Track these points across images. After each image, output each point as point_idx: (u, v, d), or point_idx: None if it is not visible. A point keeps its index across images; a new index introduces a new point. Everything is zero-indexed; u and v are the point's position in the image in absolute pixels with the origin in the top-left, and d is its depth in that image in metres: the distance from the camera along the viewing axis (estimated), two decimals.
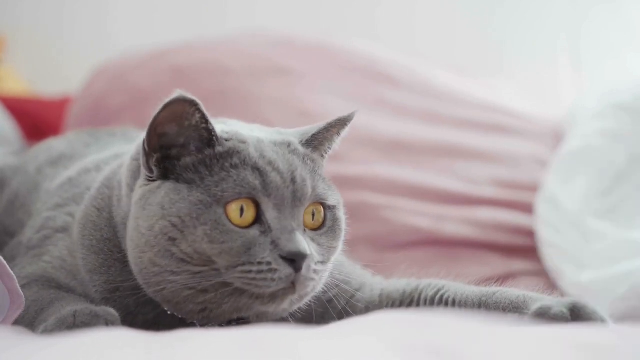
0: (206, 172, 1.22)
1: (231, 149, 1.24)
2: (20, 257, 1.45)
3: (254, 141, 1.27)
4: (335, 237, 1.30)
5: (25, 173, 1.66)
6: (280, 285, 1.20)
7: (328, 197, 1.30)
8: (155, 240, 1.21)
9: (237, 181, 1.21)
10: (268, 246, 1.20)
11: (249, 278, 1.19)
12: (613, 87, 2.50)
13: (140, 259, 1.24)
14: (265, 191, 1.22)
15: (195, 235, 1.19)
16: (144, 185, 1.25)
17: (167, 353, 1.00)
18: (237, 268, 1.19)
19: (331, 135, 1.36)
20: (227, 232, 1.19)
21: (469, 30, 3.32)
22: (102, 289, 1.32)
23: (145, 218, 1.22)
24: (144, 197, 1.24)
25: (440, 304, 1.36)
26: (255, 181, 1.21)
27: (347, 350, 0.99)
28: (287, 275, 1.20)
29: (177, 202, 1.20)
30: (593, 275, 1.93)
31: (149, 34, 3.15)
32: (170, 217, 1.20)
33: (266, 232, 1.21)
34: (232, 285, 1.21)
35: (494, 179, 2.34)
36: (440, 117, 2.50)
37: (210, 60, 2.50)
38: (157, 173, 1.24)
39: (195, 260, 1.20)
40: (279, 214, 1.23)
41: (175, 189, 1.22)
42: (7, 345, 1.08)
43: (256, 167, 1.23)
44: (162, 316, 1.29)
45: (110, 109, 2.43)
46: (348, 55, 2.64)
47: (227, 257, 1.19)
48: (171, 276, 1.21)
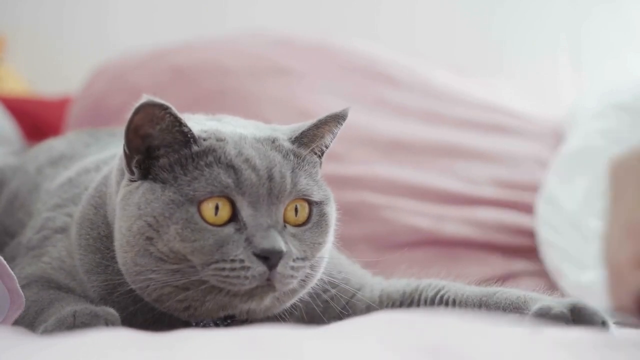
0: (180, 171, 1.22)
1: (207, 148, 1.24)
2: (20, 258, 1.45)
3: (234, 138, 1.26)
4: (320, 232, 1.29)
5: (25, 173, 1.66)
6: (254, 282, 1.20)
7: (312, 192, 1.28)
8: (134, 240, 1.22)
9: (210, 180, 1.21)
10: (242, 243, 1.20)
11: (223, 276, 1.20)
12: (613, 87, 2.50)
13: (123, 258, 1.25)
14: (239, 189, 1.21)
15: (168, 234, 1.20)
16: (126, 185, 1.26)
17: (167, 353, 1.00)
18: (211, 266, 1.20)
19: (322, 133, 1.34)
20: (198, 230, 1.20)
21: (469, 30, 3.32)
22: (100, 289, 1.32)
23: (125, 218, 1.23)
24: (124, 198, 1.25)
25: (440, 304, 1.36)
26: (228, 179, 1.21)
27: (347, 351, 0.99)
28: (260, 272, 1.19)
29: (151, 201, 1.21)
30: (593, 275, 1.93)
31: (149, 34, 3.15)
32: (145, 216, 1.21)
33: (241, 229, 1.21)
34: (208, 283, 1.21)
35: (494, 179, 2.34)
36: (440, 117, 2.50)
37: (210, 60, 2.50)
38: (137, 174, 1.25)
39: (172, 258, 1.20)
40: (255, 211, 1.22)
41: (151, 189, 1.22)
42: (7, 345, 1.08)
43: (231, 165, 1.22)
44: (161, 316, 1.29)
45: (110, 109, 2.43)
46: (348, 55, 2.64)
47: (199, 255, 1.20)
48: (152, 274, 1.22)
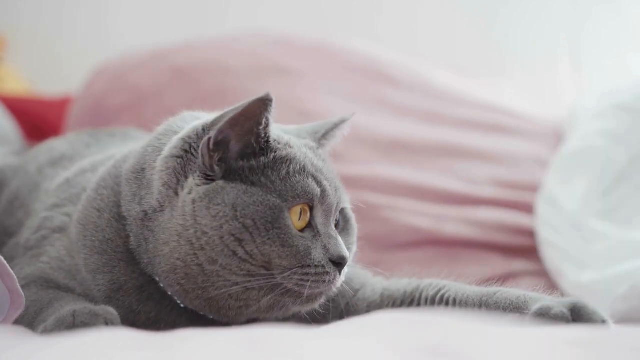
0: (275, 175, 1.26)
1: (289, 154, 1.29)
2: (19, 258, 1.45)
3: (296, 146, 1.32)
4: (350, 234, 1.38)
5: (26, 173, 1.67)
6: (329, 286, 1.27)
7: (345, 200, 1.37)
8: (220, 240, 1.23)
9: (305, 188, 1.27)
10: (321, 250, 1.27)
11: (305, 280, 1.25)
12: (613, 87, 2.50)
13: (193, 256, 1.25)
14: (321, 198, 1.29)
15: (266, 237, 1.23)
16: (203, 184, 1.26)
17: (167, 353, 1.00)
18: (297, 270, 1.25)
19: (338, 135, 1.43)
20: (293, 236, 1.25)
21: (470, 30, 3.32)
22: (106, 288, 1.32)
23: (210, 218, 1.24)
24: (206, 196, 1.25)
25: (441, 303, 1.37)
26: (317, 189, 1.28)
27: (348, 350, 0.99)
28: (335, 277, 1.28)
29: (251, 204, 1.24)
30: (593, 275, 1.93)
31: (149, 34, 3.15)
32: (243, 218, 1.23)
33: (316, 236, 1.28)
34: (283, 286, 1.25)
35: (494, 179, 2.34)
36: (441, 117, 2.49)
37: (210, 60, 2.50)
38: (218, 172, 1.26)
39: (257, 261, 1.24)
40: (326, 220, 1.30)
41: (247, 192, 1.25)
42: (7, 345, 1.08)
43: (313, 175, 1.29)
44: (164, 315, 1.31)
45: (110, 108, 2.43)
46: (348, 55, 2.64)
47: (291, 260, 1.24)
48: (227, 275, 1.24)
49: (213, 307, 1.28)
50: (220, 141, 1.26)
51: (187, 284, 1.26)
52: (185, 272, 1.26)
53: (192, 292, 1.27)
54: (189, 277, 1.26)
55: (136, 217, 1.31)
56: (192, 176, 1.27)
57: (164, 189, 1.28)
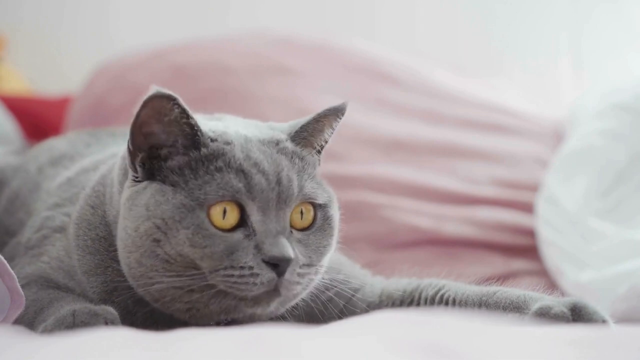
0: (191, 174, 1.22)
1: (216, 151, 1.23)
2: (19, 257, 1.45)
3: (240, 141, 1.26)
4: (325, 235, 1.29)
5: (26, 173, 1.66)
6: (262, 289, 1.20)
7: (317, 195, 1.29)
8: (140, 241, 1.21)
9: (221, 184, 1.20)
10: (251, 250, 1.20)
11: (231, 282, 1.20)
12: (614, 86, 2.49)
13: (127, 258, 1.24)
14: (249, 194, 1.21)
15: (177, 238, 1.19)
16: (132, 185, 1.25)
17: (167, 352, 1.00)
18: (220, 272, 1.19)
19: (322, 127, 1.34)
20: (209, 236, 1.19)
21: (470, 30, 3.32)
22: (100, 289, 1.32)
23: (131, 219, 1.23)
24: (130, 198, 1.24)
25: (440, 303, 1.36)
26: (239, 184, 1.21)
27: (347, 350, 0.99)
28: (269, 279, 1.20)
29: (161, 204, 1.21)
30: (593, 275, 1.93)
31: (149, 33, 3.15)
32: (154, 218, 1.20)
33: (250, 235, 1.21)
34: (216, 287, 1.21)
35: (495, 178, 2.34)
36: (441, 117, 2.49)
37: (210, 59, 2.50)
38: (142, 173, 1.24)
39: (179, 262, 1.20)
40: (264, 216, 1.22)
41: (161, 191, 1.22)
42: (7, 344, 1.08)
43: (241, 170, 1.22)
44: (161, 315, 1.29)
45: (110, 108, 2.43)
46: (349, 55, 2.64)
47: (209, 261, 1.20)
48: (157, 276, 1.22)
49: (168, 308, 1.26)
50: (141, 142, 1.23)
51: (137, 286, 1.26)
52: (130, 275, 1.25)
53: (147, 295, 1.25)
54: (135, 278, 1.25)
55: (112, 220, 1.31)
56: (128, 178, 1.26)
57: (120, 187, 1.29)
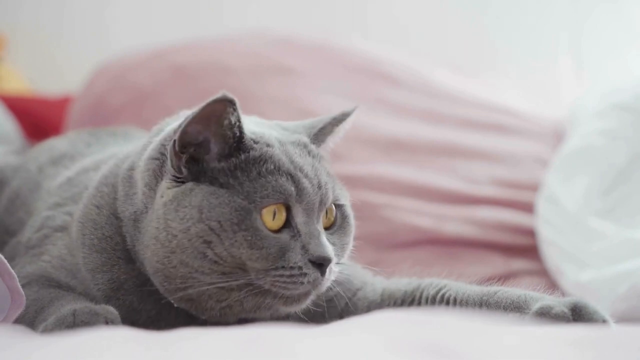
0: (244, 177, 1.24)
1: (264, 154, 1.26)
2: (20, 257, 1.45)
3: (277, 144, 1.29)
4: (346, 233, 1.34)
5: (27, 172, 1.66)
6: (307, 287, 1.25)
7: (341, 197, 1.34)
8: (189, 242, 1.22)
9: (276, 187, 1.24)
10: (299, 251, 1.24)
11: (281, 281, 1.23)
12: (614, 86, 2.49)
13: (167, 257, 1.24)
14: (298, 197, 1.25)
15: (233, 239, 1.21)
16: (173, 186, 1.25)
17: (168, 352, 1.00)
18: (270, 272, 1.22)
19: (337, 130, 1.40)
20: (264, 237, 1.22)
21: (471, 29, 3.32)
22: (105, 287, 1.32)
23: (178, 220, 1.23)
24: (175, 199, 1.24)
25: (441, 303, 1.36)
26: (291, 188, 1.25)
27: (347, 349, 0.99)
28: (315, 278, 1.24)
29: (216, 206, 1.22)
30: (593, 274, 1.93)
31: (149, 33, 3.14)
32: (208, 220, 1.21)
33: (295, 236, 1.25)
34: (260, 287, 1.23)
35: (495, 178, 2.34)
36: (441, 117, 2.49)
37: (211, 59, 2.50)
38: (186, 174, 1.25)
39: (228, 262, 1.22)
40: (308, 218, 1.26)
41: (214, 193, 1.23)
42: (7, 344, 1.08)
43: (290, 173, 1.26)
44: (165, 313, 1.30)
45: (111, 108, 2.43)
46: (349, 55, 2.64)
47: (263, 262, 1.22)
48: (201, 276, 1.23)
49: (198, 307, 1.27)
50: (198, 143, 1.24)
51: (168, 286, 1.26)
52: (165, 274, 1.25)
53: (175, 293, 1.26)
54: (169, 279, 1.25)
55: (129, 218, 1.31)
56: (165, 179, 1.26)
57: (147, 189, 1.28)
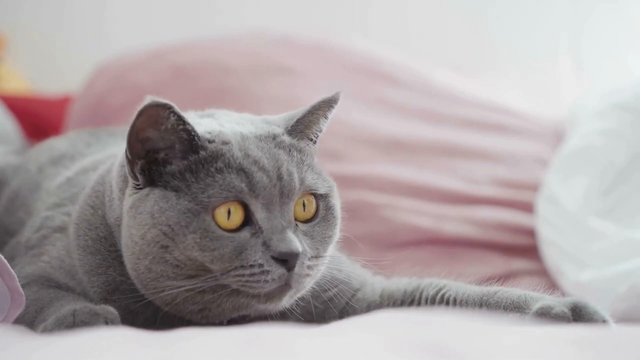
0: (192, 178, 1.21)
1: (215, 153, 1.23)
2: (20, 257, 1.45)
3: (237, 139, 1.26)
4: (329, 225, 1.29)
5: (27, 172, 1.66)
6: (274, 285, 1.21)
7: (318, 186, 1.29)
8: (148, 248, 1.21)
9: (223, 185, 1.20)
10: (259, 248, 1.20)
11: (243, 281, 1.20)
12: (614, 86, 2.49)
13: (136, 264, 1.24)
14: (252, 192, 1.21)
15: (185, 243, 1.19)
16: (133, 193, 1.25)
17: (167, 352, 1.00)
18: (231, 272, 1.20)
19: (317, 119, 1.33)
20: (217, 238, 1.19)
21: (470, 29, 3.32)
22: (101, 289, 1.32)
23: (136, 227, 1.22)
24: (134, 206, 1.24)
25: (441, 303, 1.36)
26: (241, 184, 1.21)
27: (346, 349, 0.99)
28: (280, 275, 1.20)
29: (166, 210, 1.20)
30: (593, 274, 1.93)
31: (149, 33, 3.14)
32: (160, 225, 1.20)
33: (257, 233, 1.21)
34: (229, 287, 1.21)
35: (495, 178, 2.34)
36: (441, 116, 2.49)
37: (210, 59, 2.50)
38: (142, 180, 1.24)
39: (189, 266, 1.20)
40: (269, 213, 1.22)
41: (164, 197, 1.21)
42: (6, 344, 1.08)
43: (241, 169, 1.22)
44: (162, 315, 1.29)
45: (111, 108, 2.43)
46: (349, 55, 2.64)
47: (219, 263, 1.20)
48: (168, 281, 1.22)
49: (180, 311, 1.26)
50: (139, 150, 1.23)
51: (145, 291, 1.25)
52: (139, 280, 1.25)
53: (155, 298, 1.25)
54: (143, 284, 1.25)
55: (114, 223, 1.31)
56: (129, 185, 1.26)
57: (120, 194, 1.28)
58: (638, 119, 2.25)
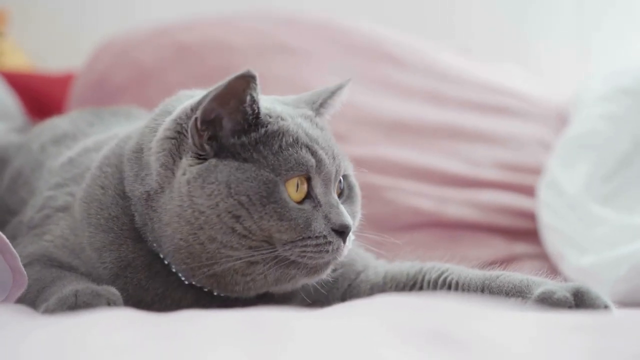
0: (267, 150, 1.26)
1: (281, 128, 1.28)
2: (22, 236, 1.45)
3: (289, 117, 1.31)
4: (354, 202, 1.37)
5: (29, 151, 1.66)
6: (332, 255, 1.27)
7: (348, 167, 1.38)
8: (217, 218, 1.24)
9: (298, 160, 1.26)
10: (322, 220, 1.26)
11: (307, 251, 1.25)
12: (618, 70, 2.48)
13: (193, 235, 1.25)
14: (318, 169, 1.28)
15: (263, 212, 1.23)
16: (196, 163, 1.26)
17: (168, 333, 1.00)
18: (297, 243, 1.24)
19: (336, 102, 1.42)
20: (291, 209, 1.25)
21: (474, 12, 3.30)
22: (113, 265, 1.32)
23: (205, 197, 1.24)
24: (200, 176, 1.25)
25: (443, 286, 1.37)
26: (312, 159, 1.27)
27: (346, 333, 0.99)
28: (338, 246, 1.27)
29: (244, 180, 1.24)
30: (594, 259, 1.93)
31: (153, 10, 3.13)
32: (238, 195, 1.23)
33: (317, 207, 1.28)
34: (286, 259, 1.25)
35: (497, 161, 2.33)
36: (445, 98, 2.48)
37: (214, 37, 2.49)
38: (209, 151, 1.26)
39: (257, 236, 1.24)
40: (326, 189, 1.29)
41: (240, 168, 1.24)
42: (6, 323, 1.08)
43: (307, 146, 1.28)
44: (171, 291, 1.32)
45: (113, 85, 2.42)
46: (352, 35, 2.63)
47: (291, 233, 1.24)
48: (229, 251, 1.25)
49: (220, 283, 1.29)
50: (210, 120, 1.26)
51: (192, 262, 1.27)
52: (189, 251, 1.26)
53: (198, 270, 1.27)
54: (193, 255, 1.26)
55: (140, 197, 1.31)
56: (185, 157, 1.27)
57: (162, 169, 1.29)
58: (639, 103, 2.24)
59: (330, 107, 1.42)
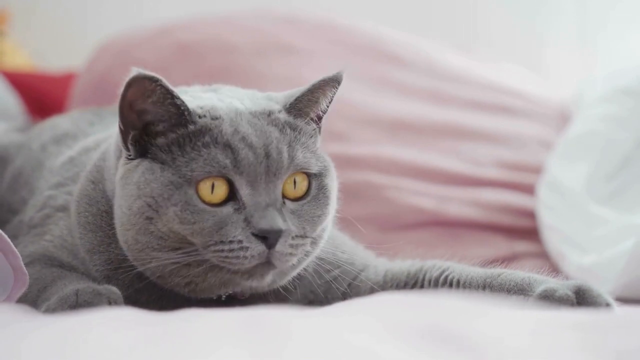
0: (178, 152, 1.22)
1: (203, 127, 1.23)
2: (23, 236, 1.45)
3: (230, 115, 1.25)
4: (319, 205, 1.28)
5: (30, 150, 1.66)
6: (253, 262, 1.20)
7: (310, 165, 1.27)
8: (134, 219, 1.22)
9: (207, 160, 1.20)
10: (240, 224, 1.20)
11: (222, 256, 1.20)
12: (620, 69, 2.48)
13: (124, 236, 1.25)
14: (236, 169, 1.21)
15: (167, 215, 1.20)
16: (125, 163, 1.25)
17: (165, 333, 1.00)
18: (210, 247, 1.20)
19: (317, 98, 1.31)
20: (198, 212, 1.20)
21: (477, 12, 3.30)
22: (103, 267, 1.32)
23: (125, 197, 1.23)
24: (124, 176, 1.25)
25: (444, 285, 1.36)
26: (225, 160, 1.21)
27: (345, 332, 0.98)
28: (259, 252, 1.20)
29: (150, 182, 1.21)
30: (596, 258, 1.92)
31: (154, 10, 3.13)
32: (144, 197, 1.21)
33: (240, 209, 1.21)
34: (210, 262, 1.21)
35: (499, 160, 2.33)
36: (446, 97, 2.48)
37: (215, 36, 2.49)
38: (134, 152, 1.25)
39: (172, 238, 1.21)
40: (252, 190, 1.22)
41: (150, 169, 1.22)
42: (6, 322, 1.08)
43: (227, 144, 1.21)
44: (165, 293, 1.30)
45: (114, 84, 2.36)
46: (353, 34, 2.63)
47: (199, 237, 1.20)
48: (153, 252, 1.22)
49: (168, 283, 1.26)
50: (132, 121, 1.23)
51: (136, 263, 1.26)
52: (130, 252, 1.26)
53: (147, 271, 1.26)
54: (133, 255, 1.25)
55: (112, 195, 1.31)
56: (122, 157, 1.27)
57: (113, 168, 1.30)
58: None
59: (313, 103, 1.31)
